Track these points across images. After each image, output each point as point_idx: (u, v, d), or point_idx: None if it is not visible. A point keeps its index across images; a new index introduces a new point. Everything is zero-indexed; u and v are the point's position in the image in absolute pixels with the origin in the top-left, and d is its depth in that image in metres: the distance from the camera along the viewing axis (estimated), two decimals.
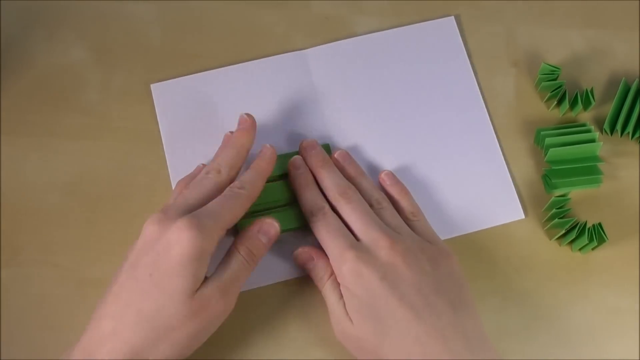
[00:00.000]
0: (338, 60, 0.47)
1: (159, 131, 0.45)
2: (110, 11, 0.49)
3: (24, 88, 0.46)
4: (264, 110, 0.46)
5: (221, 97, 0.46)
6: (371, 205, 0.41)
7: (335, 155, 0.44)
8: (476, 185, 0.44)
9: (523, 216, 0.44)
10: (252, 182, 0.39)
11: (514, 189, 0.44)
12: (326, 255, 0.40)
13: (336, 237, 0.38)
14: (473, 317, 0.37)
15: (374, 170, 0.45)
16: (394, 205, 0.42)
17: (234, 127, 0.44)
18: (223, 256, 0.38)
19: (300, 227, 0.41)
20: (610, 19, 0.49)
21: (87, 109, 0.46)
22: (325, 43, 0.48)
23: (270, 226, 0.39)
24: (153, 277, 0.34)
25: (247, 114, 0.42)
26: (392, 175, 0.44)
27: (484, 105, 0.46)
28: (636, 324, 0.42)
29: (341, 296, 0.38)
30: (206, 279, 0.36)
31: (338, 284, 0.38)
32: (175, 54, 0.48)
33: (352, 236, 0.39)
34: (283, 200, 0.42)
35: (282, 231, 0.40)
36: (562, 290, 0.43)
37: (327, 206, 0.40)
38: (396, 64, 0.47)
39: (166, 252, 0.34)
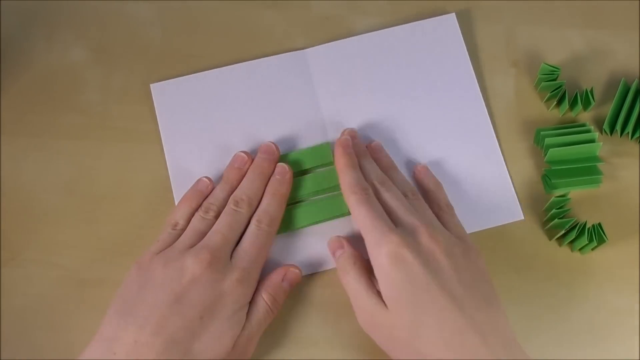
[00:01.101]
0: (338, 60, 0.47)
1: (159, 131, 0.45)
2: (110, 11, 0.49)
3: (23, 88, 0.46)
4: (264, 110, 0.46)
5: (221, 96, 0.46)
6: (405, 196, 0.41)
7: (372, 145, 0.44)
8: (476, 185, 0.44)
9: (522, 217, 0.44)
10: (277, 213, 0.41)
11: (513, 190, 0.44)
12: (354, 246, 0.40)
13: (377, 219, 0.38)
14: (504, 315, 0.36)
15: None
16: (425, 198, 0.42)
17: (233, 126, 0.44)
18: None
19: (314, 223, 0.43)
20: (610, 19, 0.49)
21: (87, 109, 0.46)
22: (325, 42, 0.48)
23: (294, 275, 0.41)
24: (204, 320, 0.35)
25: (274, 144, 0.43)
26: (427, 168, 0.44)
27: (484, 105, 0.46)
28: (636, 324, 0.42)
29: (370, 284, 0.37)
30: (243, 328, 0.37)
31: (365, 272, 0.38)
32: (175, 54, 0.48)
33: (391, 222, 0.38)
34: (294, 197, 0.43)
35: (297, 228, 0.42)
36: (562, 290, 0.43)
37: (370, 189, 0.40)
38: (396, 63, 0.47)
39: (220, 300, 0.36)
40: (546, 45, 0.49)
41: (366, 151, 0.44)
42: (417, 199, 0.41)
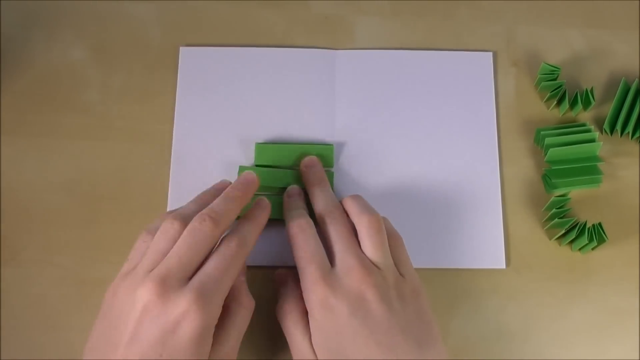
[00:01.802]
0: (364, 68, 0.47)
1: (159, 131, 0.45)
2: (110, 11, 0.49)
3: (24, 88, 0.46)
4: (280, 98, 0.46)
5: (244, 75, 0.47)
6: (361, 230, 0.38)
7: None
8: (469, 223, 0.44)
9: (504, 266, 0.43)
10: (251, 235, 0.37)
11: (502, 239, 0.44)
12: (298, 286, 0.38)
13: (310, 264, 0.36)
14: (440, 356, 0.35)
15: (371, 182, 0.44)
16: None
17: (247, 106, 0.45)
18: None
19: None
20: (610, 19, 0.49)
21: (87, 109, 0.46)
22: (327, 43, 0.48)
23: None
24: (163, 358, 0.31)
25: (252, 174, 0.39)
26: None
27: (497, 153, 0.46)
28: (636, 324, 0.42)
29: (306, 331, 0.36)
30: (216, 342, 0.34)
31: (303, 318, 0.37)
32: (175, 54, 0.48)
33: (327, 262, 0.37)
34: (278, 188, 0.44)
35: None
36: (562, 290, 0.43)
37: (308, 224, 0.38)
38: (421, 86, 0.47)
39: (175, 331, 0.32)
40: (546, 45, 0.49)
41: (322, 179, 0.42)
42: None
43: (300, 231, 0.38)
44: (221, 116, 0.45)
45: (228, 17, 0.49)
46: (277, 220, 0.43)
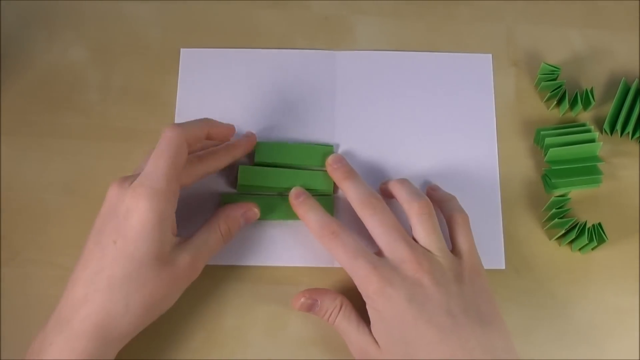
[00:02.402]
0: (364, 69, 0.47)
1: (159, 131, 0.45)
2: (110, 11, 0.49)
3: (24, 88, 0.46)
4: (280, 100, 0.46)
5: (244, 76, 0.47)
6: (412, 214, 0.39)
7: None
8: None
9: (503, 267, 0.43)
10: (214, 150, 0.41)
11: (502, 240, 0.43)
12: (327, 290, 0.40)
13: (356, 259, 0.37)
14: (503, 334, 0.36)
15: (371, 182, 0.44)
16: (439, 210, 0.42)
17: (247, 108, 0.46)
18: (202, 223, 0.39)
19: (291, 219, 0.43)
20: (610, 19, 0.49)
21: (87, 109, 0.46)
22: (327, 43, 0.48)
23: (254, 214, 0.41)
24: (117, 244, 0.35)
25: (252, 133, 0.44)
26: (438, 186, 0.44)
27: (496, 153, 0.46)
28: (636, 323, 0.42)
29: (360, 322, 0.38)
30: (181, 244, 0.37)
31: (353, 311, 0.38)
32: (175, 54, 0.47)
33: (371, 254, 0.37)
34: (283, 187, 0.43)
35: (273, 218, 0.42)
36: (562, 290, 0.43)
37: (335, 224, 0.39)
38: (421, 87, 0.47)
39: (126, 219, 0.35)
40: (546, 45, 0.49)
41: (351, 172, 0.42)
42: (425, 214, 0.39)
43: (332, 234, 0.38)
44: (221, 117, 0.45)
45: (228, 17, 0.49)
46: (278, 221, 0.43)
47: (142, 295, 0.35)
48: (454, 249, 0.40)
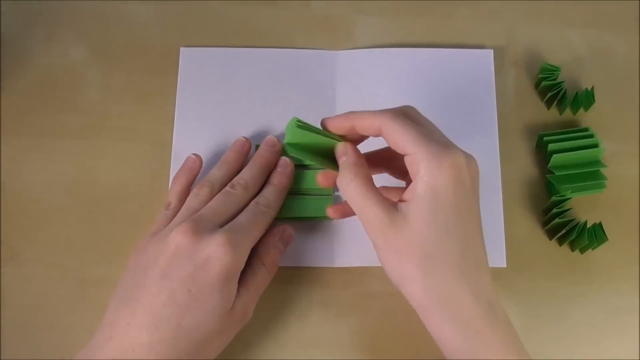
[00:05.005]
0: (364, 67, 0.47)
1: (159, 131, 0.45)
2: (110, 11, 0.49)
3: (24, 88, 0.46)
4: (280, 99, 0.46)
5: (243, 76, 0.47)
6: None
7: None
8: None
9: (505, 265, 0.43)
10: (276, 200, 0.40)
11: (503, 238, 0.43)
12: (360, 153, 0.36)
13: (429, 136, 0.34)
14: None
15: None
16: None
17: (246, 107, 0.45)
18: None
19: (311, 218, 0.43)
20: (610, 19, 0.49)
21: (87, 109, 0.46)
22: (327, 43, 0.48)
23: (290, 236, 0.41)
24: (192, 292, 0.34)
25: (277, 138, 0.43)
26: None
27: (498, 149, 0.45)
28: (636, 324, 0.42)
29: (376, 191, 0.34)
30: (238, 291, 0.36)
31: (369, 181, 0.35)
32: (175, 55, 0.47)
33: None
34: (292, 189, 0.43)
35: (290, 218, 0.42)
36: (562, 290, 0.43)
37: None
38: (421, 84, 0.47)
39: (205, 267, 0.34)
40: (546, 45, 0.49)
41: None
42: None
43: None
44: (221, 117, 0.45)
45: (228, 17, 0.49)
46: (278, 221, 0.43)
47: (207, 345, 0.35)
48: None
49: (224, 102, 0.46)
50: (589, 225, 0.42)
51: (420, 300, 0.34)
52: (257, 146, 0.44)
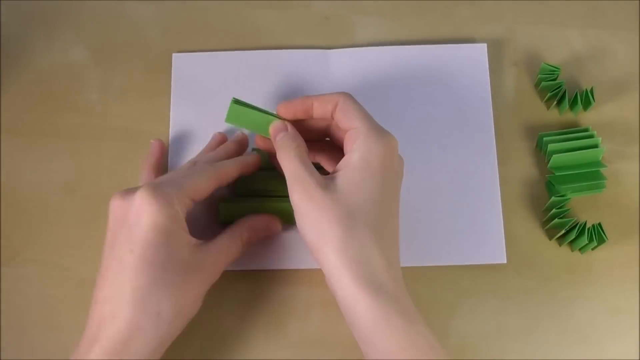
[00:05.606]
0: (359, 66, 0.47)
1: (158, 131, 0.45)
2: (110, 11, 0.49)
3: (23, 88, 0.46)
4: (276, 99, 0.46)
5: (237, 79, 0.47)
6: None
7: None
8: (468, 219, 0.44)
9: (505, 261, 0.43)
10: (221, 159, 0.40)
11: (502, 233, 0.43)
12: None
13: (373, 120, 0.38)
14: None
15: None
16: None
17: None
18: (224, 230, 0.39)
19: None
20: (610, 19, 0.49)
21: (87, 109, 0.46)
22: (327, 43, 0.48)
23: (277, 228, 0.41)
24: (135, 252, 0.34)
25: (247, 137, 0.44)
26: None
27: (494, 142, 0.45)
28: (636, 324, 0.42)
29: (310, 162, 0.37)
30: (201, 246, 0.36)
31: (307, 152, 0.37)
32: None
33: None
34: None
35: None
36: (562, 290, 0.43)
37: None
38: (416, 81, 0.47)
39: (137, 224, 0.34)
40: (546, 45, 0.49)
41: None
42: None
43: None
44: (215, 121, 0.45)
45: (228, 18, 0.49)
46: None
47: (173, 301, 0.34)
48: None
49: (219, 106, 0.45)
50: (588, 225, 0.42)
51: (334, 261, 0.34)
52: (253, 149, 0.44)
